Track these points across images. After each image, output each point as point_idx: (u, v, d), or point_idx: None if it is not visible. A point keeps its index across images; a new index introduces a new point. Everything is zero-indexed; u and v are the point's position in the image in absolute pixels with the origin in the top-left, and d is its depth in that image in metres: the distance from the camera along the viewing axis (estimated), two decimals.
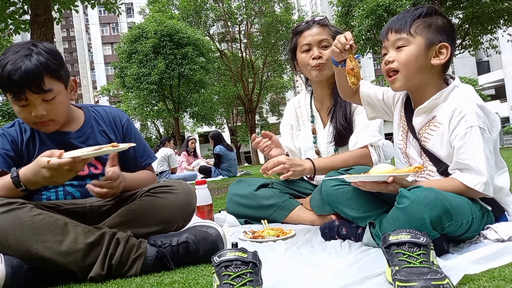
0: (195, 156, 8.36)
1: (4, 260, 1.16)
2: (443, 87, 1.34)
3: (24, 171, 1.28)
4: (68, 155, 1.22)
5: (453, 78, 1.38)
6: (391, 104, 1.53)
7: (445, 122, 1.29)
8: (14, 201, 1.25)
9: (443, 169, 1.32)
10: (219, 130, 8.00)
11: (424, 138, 1.36)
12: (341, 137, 1.90)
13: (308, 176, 2.05)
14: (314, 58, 1.87)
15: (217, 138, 7.25)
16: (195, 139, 8.44)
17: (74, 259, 1.21)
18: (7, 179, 1.31)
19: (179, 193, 1.45)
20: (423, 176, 1.40)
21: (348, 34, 1.40)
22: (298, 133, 2.12)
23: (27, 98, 1.32)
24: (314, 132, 2.03)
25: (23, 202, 1.27)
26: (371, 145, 1.78)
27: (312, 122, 2.04)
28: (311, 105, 2.06)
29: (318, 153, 2.00)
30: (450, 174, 1.28)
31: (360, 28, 12.90)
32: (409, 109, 1.44)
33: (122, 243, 1.26)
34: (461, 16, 13.71)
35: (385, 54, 1.38)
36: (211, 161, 8.23)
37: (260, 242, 1.60)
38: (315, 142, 2.02)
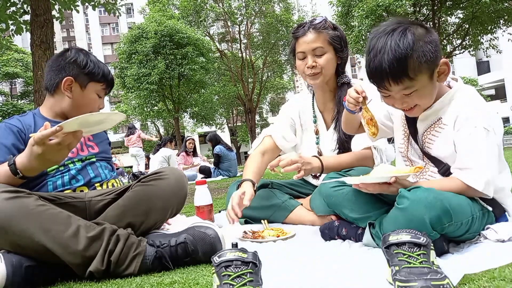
0: (195, 155, 8.35)
1: (4, 259, 1.16)
2: (445, 90, 1.35)
3: (20, 157, 1.29)
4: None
5: (456, 80, 1.38)
6: (390, 116, 1.54)
7: (450, 123, 1.29)
8: (21, 190, 1.26)
9: (444, 169, 1.32)
10: (215, 132, 7.98)
11: (429, 140, 1.36)
12: (344, 146, 1.90)
13: (313, 174, 2.04)
14: (308, 67, 1.86)
15: (215, 140, 7.26)
16: (193, 139, 8.44)
17: (74, 251, 1.21)
18: (5, 167, 1.32)
19: (169, 178, 1.47)
20: (424, 178, 1.40)
21: (358, 87, 1.37)
22: (301, 133, 2.11)
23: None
24: (316, 133, 2.03)
25: (30, 192, 1.28)
26: (374, 148, 1.79)
27: (315, 122, 2.04)
28: (313, 106, 2.06)
29: (320, 154, 2.00)
30: (452, 174, 1.29)
31: (360, 28, 12.91)
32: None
33: (122, 240, 1.27)
34: (461, 16, 13.71)
35: (389, 95, 1.30)
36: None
37: (260, 242, 1.60)
38: (317, 143, 2.02)
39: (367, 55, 1.26)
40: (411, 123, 1.43)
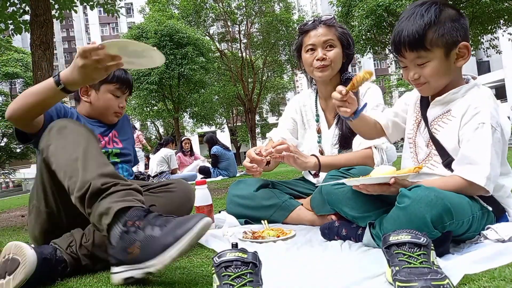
0: (192, 154, 8.35)
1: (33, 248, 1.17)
2: (462, 83, 1.35)
3: (64, 71, 1.38)
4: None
5: (474, 78, 1.38)
6: (407, 108, 1.54)
7: (458, 116, 1.30)
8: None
9: (447, 161, 1.32)
10: (215, 132, 8.07)
11: (435, 129, 1.37)
12: (346, 141, 1.90)
13: (313, 172, 2.04)
14: (318, 60, 1.88)
15: (212, 141, 7.31)
16: (188, 139, 8.46)
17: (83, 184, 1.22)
18: (49, 80, 1.38)
19: (177, 191, 1.53)
20: (427, 166, 1.39)
21: (339, 88, 1.39)
22: (303, 132, 2.12)
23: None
24: (319, 131, 2.03)
25: None
26: (375, 147, 1.79)
27: (317, 121, 2.04)
28: (316, 104, 2.06)
29: (322, 153, 2.00)
30: (453, 170, 1.28)
31: (360, 28, 12.91)
32: (424, 100, 1.45)
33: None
34: None
35: (406, 67, 1.35)
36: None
37: (260, 242, 1.60)
38: (319, 142, 2.02)
39: (396, 25, 1.34)
40: (424, 109, 1.44)
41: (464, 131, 1.26)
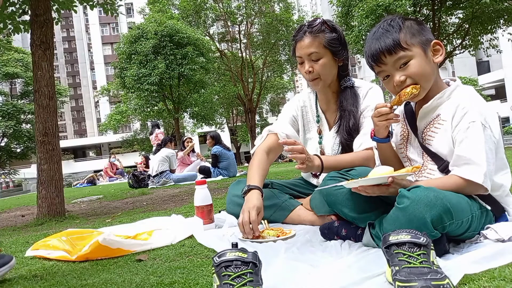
0: (193, 151, 8.41)
1: None
2: (444, 87, 1.37)
3: None
4: None
5: (454, 80, 1.40)
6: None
7: (449, 118, 1.31)
8: None
9: (443, 166, 1.33)
10: (218, 132, 8.15)
11: (429, 136, 1.38)
12: (345, 149, 1.89)
13: (313, 172, 2.03)
14: (306, 73, 1.84)
15: (216, 139, 7.33)
16: (190, 138, 8.52)
17: None
18: None
19: None
20: (423, 176, 1.40)
21: (380, 104, 1.39)
22: (303, 132, 2.10)
23: None
24: (319, 132, 2.03)
25: None
26: (376, 148, 1.78)
27: (318, 122, 2.03)
28: (316, 106, 2.05)
29: (322, 153, 1.99)
30: (450, 172, 1.29)
31: (360, 28, 12.89)
32: (409, 113, 1.46)
33: None
34: (461, 16, 13.70)
35: (387, 76, 1.37)
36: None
37: (260, 242, 1.60)
38: (320, 143, 2.01)
39: (366, 43, 1.39)
40: (411, 121, 1.45)
41: (456, 133, 1.28)
